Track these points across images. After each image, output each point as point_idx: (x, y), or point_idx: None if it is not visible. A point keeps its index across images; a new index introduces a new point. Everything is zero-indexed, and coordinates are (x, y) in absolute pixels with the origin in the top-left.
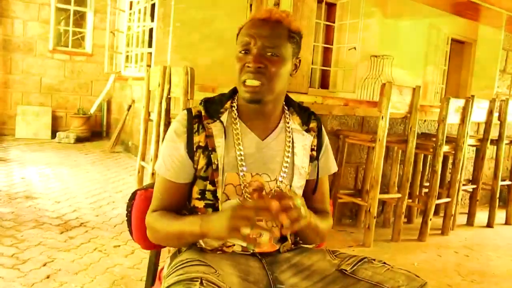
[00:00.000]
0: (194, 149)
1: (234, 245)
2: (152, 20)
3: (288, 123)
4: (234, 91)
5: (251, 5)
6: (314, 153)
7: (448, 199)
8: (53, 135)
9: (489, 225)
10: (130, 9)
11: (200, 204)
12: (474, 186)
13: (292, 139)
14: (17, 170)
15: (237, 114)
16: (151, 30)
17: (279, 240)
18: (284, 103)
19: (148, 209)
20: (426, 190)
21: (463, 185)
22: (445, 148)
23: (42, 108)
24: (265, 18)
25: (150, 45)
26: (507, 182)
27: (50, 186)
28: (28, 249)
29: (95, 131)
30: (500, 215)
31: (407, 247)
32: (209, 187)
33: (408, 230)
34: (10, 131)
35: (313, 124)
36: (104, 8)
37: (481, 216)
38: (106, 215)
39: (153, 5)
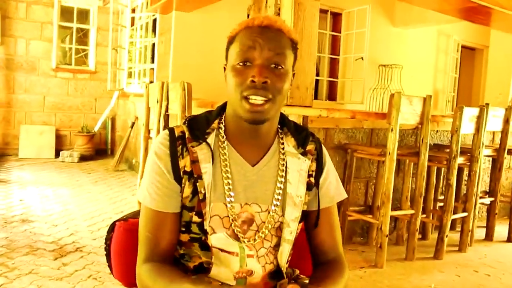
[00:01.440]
0: (181, 174)
1: (222, 283)
2: (155, 35)
3: (282, 144)
4: (223, 108)
5: (248, 16)
6: (313, 179)
7: (465, 214)
8: (57, 154)
9: (510, 239)
10: (132, 25)
11: (185, 237)
12: (492, 199)
13: (286, 163)
14: (16, 191)
15: (225, 136)
16: (154, 46)
17: (273, 276)
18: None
19: (137, 256)
20: (441, 204)
21: (480, 197)
22: (460, 159)
23: (45, 127)
24: (266, 25)
25: (153, 61)
26: None
27: (48, 208)
28: (18, 278)
29: (100, 149)
30: None
31: (423, 267)
32: (195, 218)
33: (423, 247)
34: (13, 151)
35: (310, 146)
36: (107, 24)
37: (501, 229)
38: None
39: (154, 21)
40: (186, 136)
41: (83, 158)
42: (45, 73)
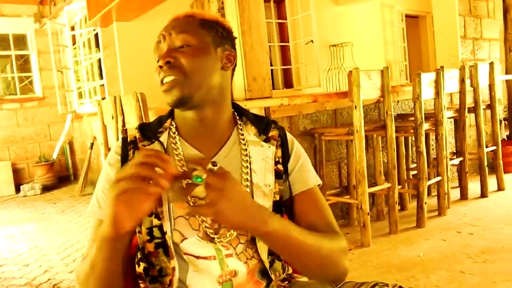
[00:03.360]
0: None
1: None
2: (99, 50)
3: (242, 135)
4: (173, 109)
5: None
6: (280, 166)
7: (439, 178)
8: (17, 189)
9: (483, 195)
10: (74, 43)
11: (151, 246)
12: (461, 158)
13: (249, 153)
14: None
15: (176, 132)
16: (100, 61)
17: (263, 274)
18: (235, 113)
19: None
20: (414, 172)
21: (450, 159)
22: (425, 125)
23: (0, 163)
24: (176, 17)
25: (102, 77)
26: (492, 148)
27: (16, 248)
28: None
29: (62, 176)
30: (491, 181)
31: (408, 238)
32: (155, 222)
33: (404, 218)
34: None
35: (273, 133)
36: (48, 47)
37: (473, 187)
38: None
39: (96, 35)
40: (137, 137)
41: (46, 189)
42: None
